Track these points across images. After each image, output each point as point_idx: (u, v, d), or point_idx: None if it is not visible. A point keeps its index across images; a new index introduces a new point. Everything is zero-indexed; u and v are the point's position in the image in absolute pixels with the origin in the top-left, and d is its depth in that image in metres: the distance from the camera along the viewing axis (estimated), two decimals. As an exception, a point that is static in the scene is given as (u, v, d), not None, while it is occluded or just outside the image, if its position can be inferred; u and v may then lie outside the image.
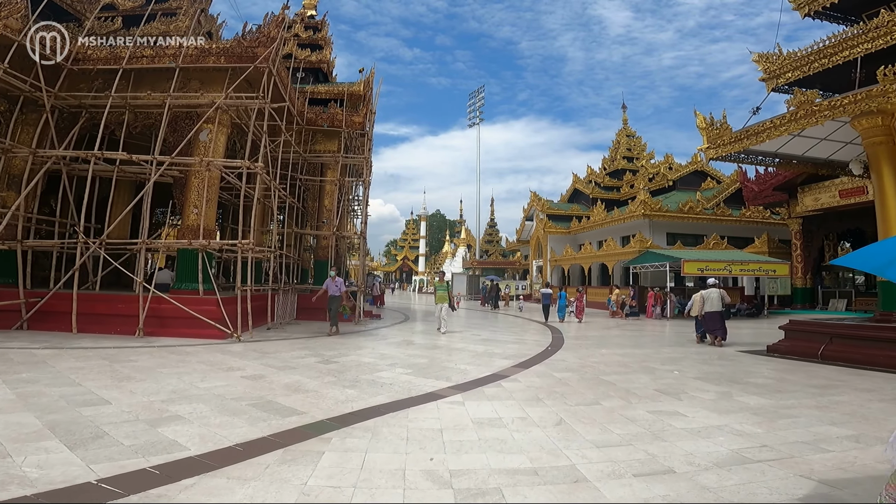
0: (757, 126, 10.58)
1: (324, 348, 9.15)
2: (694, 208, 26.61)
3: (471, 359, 8.45)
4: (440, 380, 6.60)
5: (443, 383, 6.38)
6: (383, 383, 6.29)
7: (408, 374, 6.99)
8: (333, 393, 5.70)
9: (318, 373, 6.85)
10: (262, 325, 11.88)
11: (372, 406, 5.17)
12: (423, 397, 5.63)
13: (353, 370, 7.12)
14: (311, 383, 6.17)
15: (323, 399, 5.42)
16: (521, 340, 11.38)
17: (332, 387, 6.01)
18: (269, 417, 4.65)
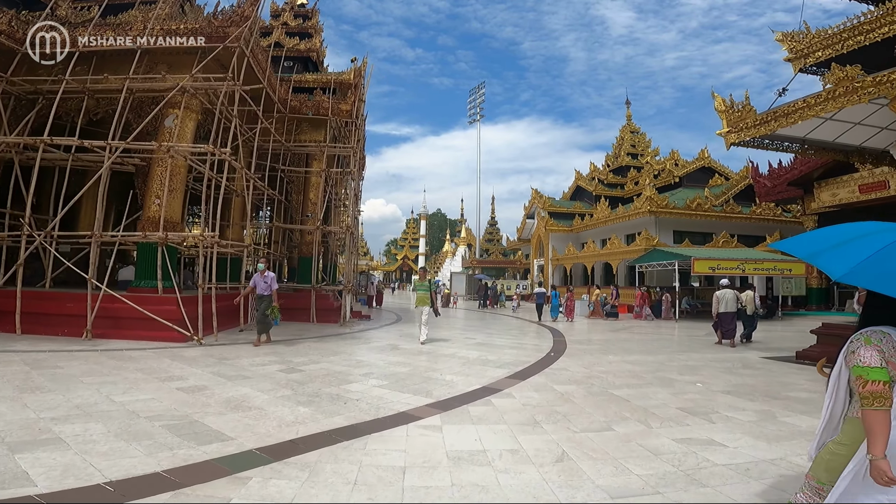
0: (787, 107, 9.43)
1: (294, 354, 8.06)
2: (702, 205, 25.44)
3: (460, 367, 7.34)
4: (419, 395, 5.50)
5: (421, 399, 5.28)
6: (348, 399, 5.20)
7: (382, 386, 5.90)
8: (281, 412, 4.61)
9: (275, 384, 5.76)
10: (233, 327, 10.79)
11: (323, 431, 4.08)
12: (392, 419, 4.53)
13: (317, 381, 6.03)
14: (260, 398, 5.08)
15: (265, 420, 4.33)
16: (519, 345, 10.27)
17: (283, 403, 4.92)
18: (181, 444, 3.58)
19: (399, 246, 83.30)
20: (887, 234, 1.85)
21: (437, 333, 12.09)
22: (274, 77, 13.42)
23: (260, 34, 19.49)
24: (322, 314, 13.45)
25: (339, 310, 13.62)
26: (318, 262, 14.24)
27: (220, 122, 10.50)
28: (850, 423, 1.97)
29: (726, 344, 10.61)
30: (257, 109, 12.03)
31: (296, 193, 14.84)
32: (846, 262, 1.82)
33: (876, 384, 1.80)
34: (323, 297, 13.76)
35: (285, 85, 14.61)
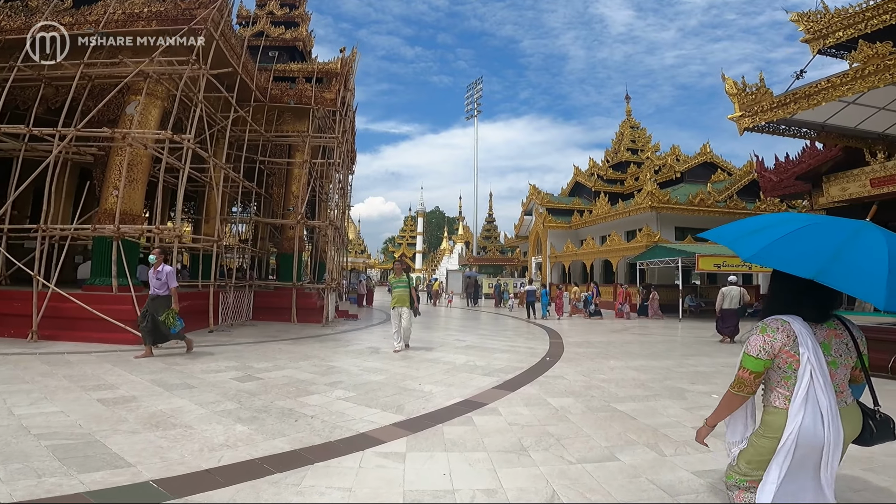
0: (809, 87, 8.59)
1: (260, 358, 7.22)
2: (705, 200, 24.60)
3: (443, 375, 6.51)
4: (388, 410, 4.67)
5: (389, 416, 4.45)
6: (301, 415, 4.37)
7: (347, 399, 5.06)
8: (212, 431, 3.80)
9: (221, 395, 4.93)
10: (202, 327, 9.94)
11: (255, 458, 3.27)
12: (346, 443, 3.71)
13: (272, 392, 5.19)
14: (194, 413, 4.26)
15: (186, 441, 3.52)
16: (512, 348, 9.44)
17: (219, 419, 4.10)
18: (57, 471, 2.82)
19: (396, 244, 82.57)
20: (797, 223, 1.89)
21: (425, 335, 11.27)
22: (251, 64, 12.58)
23: (244, 23, 18.74)
24: (304, 314, 12.61)
25: (322, 309, 12.78)
26: (300, 258, 13.40)
27: (191, 111, 9.74)
28: (769, 412, 1.94)
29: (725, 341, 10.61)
30: (230, 96, 11.19)
31: (277, 186, 13.97)
32: (756, 245, 1.87)
33: (744, 371, 1.89)
34: (305, 296, 12.92)
35: (266, 74, 13.77)
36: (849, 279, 1.63)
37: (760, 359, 1.86)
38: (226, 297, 10.93)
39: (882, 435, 1.98)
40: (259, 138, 13.28)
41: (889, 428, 1.99)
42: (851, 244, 1.72)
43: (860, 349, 1.92)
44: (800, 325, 1.83)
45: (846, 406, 1.90)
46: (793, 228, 1.85)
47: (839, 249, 1.68)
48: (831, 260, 1.65)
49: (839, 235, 1.77)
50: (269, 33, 18.50)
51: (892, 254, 1.65)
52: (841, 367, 1.88)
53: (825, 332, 1.87)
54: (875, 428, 1.97)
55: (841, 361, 1.88)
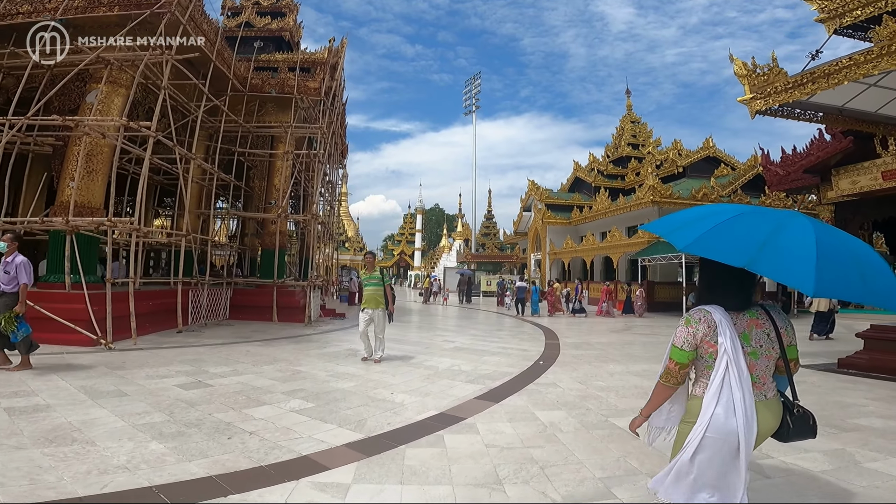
0: (828, 66, 7.83)
1: (221, 361, 6.52)
2: (708, 195, 23.81)
3: (421, 382, 5.80)
4: (346, 426, 3.96)
5: (345, 434, 3.75)
6: (239, 431, 3.68)
7: (302, 411, 4.36)
8: (116, 449, 3.16)
9: (152, 405, 4.24)
10: (170, 328, 9.24)
11: (151, 486, 2.59)
12: (280, 469, 3.01)
13: (216, 402, 4.49)
14: (107, 426, 3.60)
15: (75, 462, 2.90)
16: (504, 350, 8.72)
17: (134, 435, 3.43)
18: None
19: (396, 241, 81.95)
20: (730, 212, 1.86)
21: (413, 335, 10.56)
22: (228, 52, 11.88)
23: (230, 14, 18.00)
24: (286, 313, 11.91)
25: (305, 308, 12.07)
26: (283, 255, 12.70)
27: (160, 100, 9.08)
28: (692, 400, 1.93)
29: None
30: (200, 83, 10.46)
31: (259, 179, 13.23)
32: (690, 236, 1.83)
33: (671, 363, 1.91)
34: (288, 294, 12.22)
35: (247, 63, 13.06)
36: (779, 267, 1.61)
37: (685, 350, 1.87)
38: (198, 295, 10.22)
39: (799, 431, 1.93)
40: (238, 129, 12.56)
41: (808, 424, 1.95)
42: (780, 233, 1.71)
43: (784, 340, 1.88)
44: (720, 315, 1.82)
45: (765, 399, 1.86)
46: (725, 218, 1.82)
47: (768, 238, 1.68)
48: (761, 249, 1.65)
49: (769, 224, 1.75)
50: (255, 23, 17.77)
51: (819, 241, 1.64)
52: (762, 358, 1.85)
53: (746, 322, 1.86)
54: (791, 423, 1.92)
55: (762, 352, 1.85)
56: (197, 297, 10.17)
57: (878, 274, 1.67)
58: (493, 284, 33.98)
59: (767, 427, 1.86)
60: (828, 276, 1.55)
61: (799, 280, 1.56)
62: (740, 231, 1.74)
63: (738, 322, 1.84)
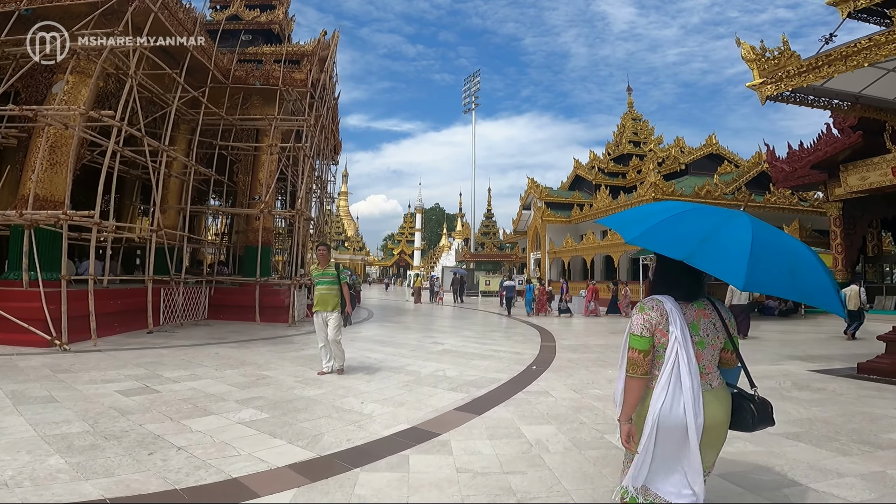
0: (846, 48, 7.22)
1: (181, 364, 5.96)
2: (712, 192, 23.25)
3: (398, 389, 5.23)
4: (297, 442, 3.40)
5: (293, 452, 3.19)
6: (165, 446, 3.13)
7: (252, 422, 3.80)
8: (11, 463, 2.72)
9: (78, 413, 3.75)
10: (140, 328, 8.69)
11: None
12: (196, 494, 2.47)
13: (155, 410, 3.95)
14: (11, 437, 3.12)
15: None
16: (495, 353, 8.15)
17: (36, 447, 2.94)
18: None
19: (395, 241, 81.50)
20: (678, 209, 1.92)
21: (399, 336, 9.99)
22: (209, 43, 11.31)
23: (218, 7, 17.47)
24: (270, 313, 11.35)
25: (289, 308, 11.50)
26: (267, 252, 12.14)
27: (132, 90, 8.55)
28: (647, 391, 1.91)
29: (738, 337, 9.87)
30: (174, 73, 9.92)
31: (243, 174, 12.64)
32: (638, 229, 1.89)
33: (633, 351, 1.87)
34: (272, 294, 11.65)
35: (230, 55, 12.51)
36: (714, 262, 1.67)
37: (644, 336, 1.87)
38: (172, 293, 9.66)
39: (762, 419, 1.96)
40: (219, 122, 12.00)
41: (767, 412, 1.98)
42: (720, 229, 1.76)
43: (730, 330, 1.94)
44: (671, 305, 1.85)
45: (711, 389, 1.87)
46: (672, 214, 1.90)
47: (708, 234, 1.74)
48: (700, 243, 1.70)
49: (711, 221, 1.82)
50: (243, 16, 17.23)
51: (755, 238, 1.70)
52: (708, 348, 1.88)
53: (694, 312, 1.89)
54: (756, 411, 1.93)
55: (708, 342, 1.88)
56: (171, 295, 9.62)
57: (808, 272, 1.73)
58: (492, 284, 33.41)
59: (716, 417, 1.83)
60: (759, 272, 1.62)
61: (731, 274, 1.60)
62: (684, 227, 1.81)
63: (687, 312, 1.87)
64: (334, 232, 70.59)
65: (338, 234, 71.82)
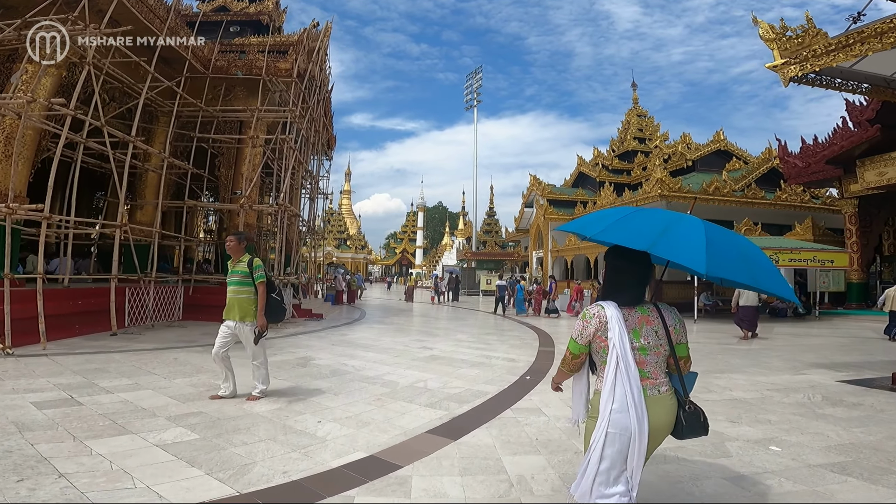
0: (882, 24, 6.49)
1: (123, 373, 5.29)
2: (721, 189, 22.36)
3: (368, 405, 4.54)
4: (216, 474, 2.74)
5: (202, 489, 2.52)
6: (46, 473, 2.49)
7: (170, 446, 3.12)
8: None
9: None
10: (103, 331, 8.04)
11: None
12: None
13: (64, 426, 3.29)
14: None
15: None
16: (487, 360, 7.44)
17: None
18: None
19: (398, 239, 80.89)
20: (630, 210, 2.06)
21: (387, 340, 9.30)
22: (185, 31, 10.68)
23: (205, -1, 16.86)
24: (252, 313, 10.66)
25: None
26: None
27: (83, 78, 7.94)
28: (595, 395, 1.96)
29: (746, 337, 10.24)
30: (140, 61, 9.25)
31: (225, 168, 11.97)
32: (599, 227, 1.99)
33: (567, 352, 2.00)
34: (255, 292, 10.96)
35: (211, 45, 11.87)
36: (676, 250, 1.78)
37: (578, 343, 1.94)
38: (139, 293, 9.01)
39: (692, 428, 1.96)
40: (198, 113, 11.36)
41: (699, 421, 1.98)
42: (676, 225, 1.87)
43: (672, 338, 1.93)
44: (612, 311, 1.87)
45: (658, 395, 1.88)
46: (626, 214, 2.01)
47: (666, 228, 1.84)
48: (660, 235, 1.80)
49: (665, 219, 1.92)
50: (231, 7, 16.66)
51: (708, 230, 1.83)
52: (651, 354, 1.89)
53: (637, 319, 1.91)
54: (685, 420, 1.94)
55: (651, 348, 1.89)
56: (138, 295, 8.96)
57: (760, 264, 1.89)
58: (493, 283, 32.69)
59: (661, 422, 1.87)
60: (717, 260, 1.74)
61: (692, 260, 1.73)
62: (642, 223, 1.93)
63: (629, 318, 1.89)
64: (336, 230, 70.24)
65: (340, 233, 71.43)
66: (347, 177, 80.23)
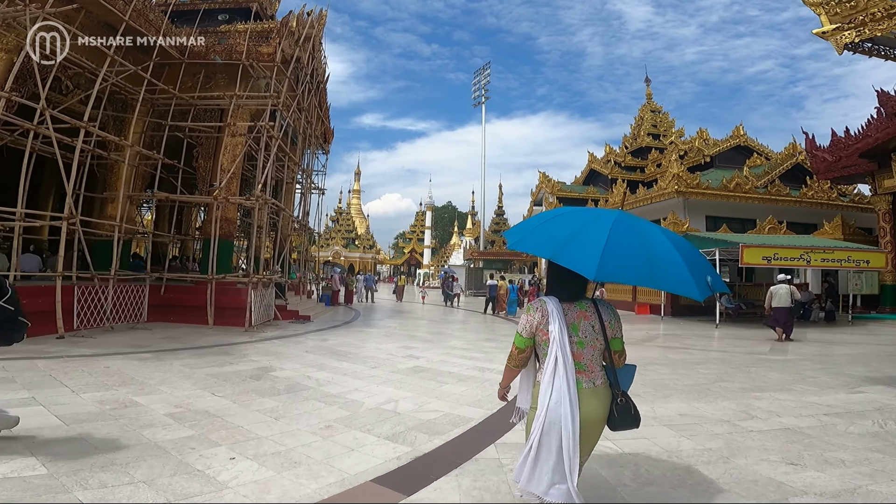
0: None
1: (28, 385, 4.36)
2: (742, 185, 21.04)
3: (313, 433, 3.54)
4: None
5: None
6: None
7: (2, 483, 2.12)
8: None
9: None
10: (48, 333, 7.16)
11: None
12: None
13: None
14: None
15: None
16: (480, 373, 6.41)
17: None
18: None
19: (407, 239, 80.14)
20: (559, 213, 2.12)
21: (369, 345, 8.32)
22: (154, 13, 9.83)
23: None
24: (229, 314, 9.76)
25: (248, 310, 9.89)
26: (228, 245, 10.62)
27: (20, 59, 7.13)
28: (536, 387, 2.01)
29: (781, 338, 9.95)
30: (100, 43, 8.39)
31: (204, 159, 11.06)
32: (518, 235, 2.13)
33: (513, 347, 2.05)
34: (232, 293, 10.05)
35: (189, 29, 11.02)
36: (572, 258, 1.79)
37: (523, 336, 2.01)
38: (92, 292, 8.11)
39: (623, 421, 1.99)
40: (171, 100, 10.51)
41: (629, 414, 2.01)
42: (586, 228, 1.88)
43: (608, 333, 1.99)
44: (553, 306, 1.96)
45: (593, 387, 1.95)
46: (549, 218, 2.07)
47: (574, 233, 1.87)
48: (564, 243, 1.84)
49: (581, 220, 1.95)
50: (220, -7, 15.84)
51: (613, 233, 1.81)
52: (587, 348, 1.96)
53: (576, 314, 1.98)
54: (616, 413, 1.98)
55: (587, 342, 1.96)
56: (92, 295, 8.07)
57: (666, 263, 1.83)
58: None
59: (596, 414, 1.93)
60: (611, 263, 1.73)
61: (584, 267, 1.72)
62: (556, 229, 1.96)
63: (569, 313, 1.97)
64: (345, 229, 69.74)
65: (348, 232, 70.92)
66: (357, 176, 79.63)
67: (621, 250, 1.77)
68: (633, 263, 1.79)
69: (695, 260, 1.90)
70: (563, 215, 2.04)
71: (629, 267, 1.78)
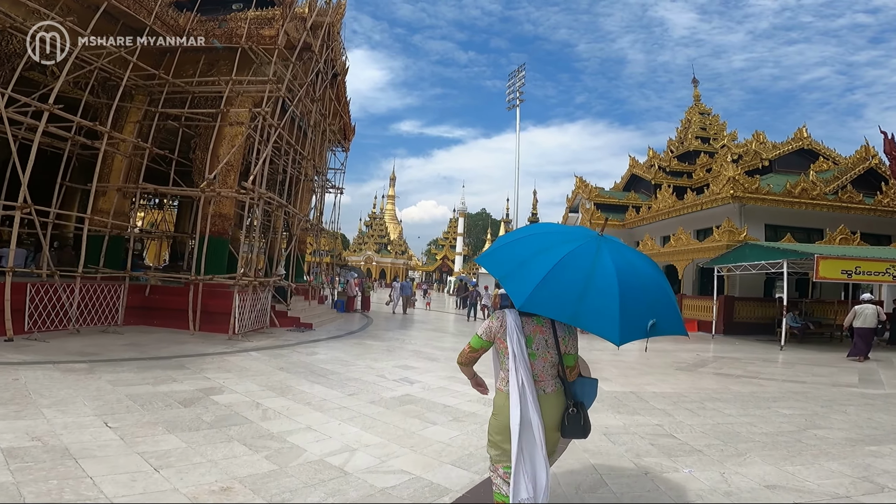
0: None
1: None
2: (808, 191, 18.63)
3: (192, 501, 2.26)
4: None
5: None
6: None
7: None
8: None
9: None
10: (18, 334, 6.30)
11: None
12: None
13: None
14: None
15: None
16: (484, 406, 4.99)
17: None
18: None
19: (439, 246, 79.39)
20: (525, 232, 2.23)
21: (358, 363, 7.06)
22: None
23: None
24: (216, 319, 8.78)
25: (240, 314, 8.86)
26: (220, 243, 9.67)
27: None
28: (497, 394, 2.16)
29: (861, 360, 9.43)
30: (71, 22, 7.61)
31: (201, 150, 10.19)
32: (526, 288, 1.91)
33: (467, 346, 2.18)
34: (221, 296, 9.05)
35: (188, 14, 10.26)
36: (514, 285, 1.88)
37: (481, 339, 2.14)
38: (49, 291, 7.21)
39: (573, 430, 2.08)
40: (165, 88, 9.73)
41: (580, 424, 2.08)
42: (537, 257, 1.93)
43: (560, 348, 2.08)
44: (512, 318, 2.06)
45: (545, 394, 2.07)
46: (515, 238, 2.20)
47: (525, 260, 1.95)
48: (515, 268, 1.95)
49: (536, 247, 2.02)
50: (233, -21, 15.21)
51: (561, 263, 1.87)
52: (539, 360, 2.08)
53: (532, 327, 2.08)
54: (567, 421, 2.07)
55: (539, 354, 2.08)
56: (49, 294, 7.19)
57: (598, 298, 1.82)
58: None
59: (552, 420, 2.06)
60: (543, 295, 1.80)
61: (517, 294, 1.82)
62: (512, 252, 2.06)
63: (526, 326, 2.08)
64: (378, 234, 69.59)
65: (381, 237, 70.81)
66: (392, 182, 79.57)
67: (560, 282, 1.82)
68: (562, 297, 1.81)
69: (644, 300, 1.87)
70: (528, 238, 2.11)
71: (556, 300, 1.81)
